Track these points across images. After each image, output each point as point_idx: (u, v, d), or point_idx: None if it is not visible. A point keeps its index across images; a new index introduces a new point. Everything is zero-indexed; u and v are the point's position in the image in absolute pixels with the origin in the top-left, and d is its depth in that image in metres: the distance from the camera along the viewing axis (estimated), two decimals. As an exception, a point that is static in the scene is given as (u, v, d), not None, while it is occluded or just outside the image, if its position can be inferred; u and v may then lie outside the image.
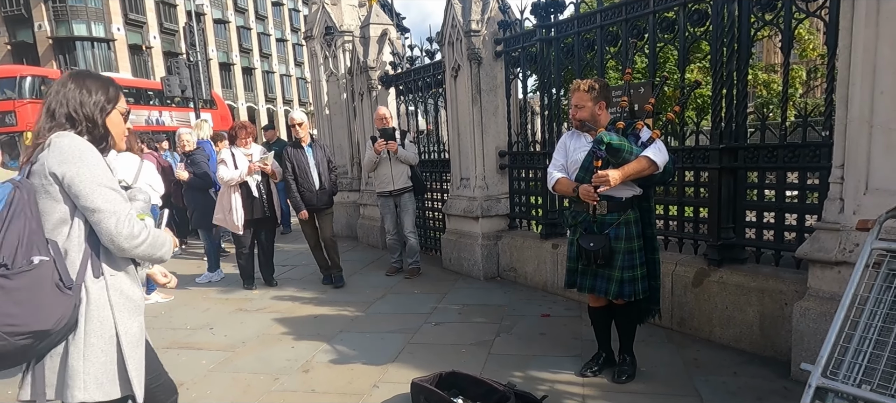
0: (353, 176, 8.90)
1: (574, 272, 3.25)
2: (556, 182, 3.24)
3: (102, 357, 1.74)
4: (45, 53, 33.68)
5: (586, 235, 3.10)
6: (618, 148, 2.88)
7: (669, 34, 4.07)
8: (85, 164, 1.69)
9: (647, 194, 3.19)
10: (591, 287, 3.19)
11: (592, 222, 3.10)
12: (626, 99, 3.36)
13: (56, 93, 1.79)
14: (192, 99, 15.66)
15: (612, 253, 3.04)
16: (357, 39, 8.01)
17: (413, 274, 6.05)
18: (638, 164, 2.93)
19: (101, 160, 1.75)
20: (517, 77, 5.64)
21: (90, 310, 1.72)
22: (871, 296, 2.21)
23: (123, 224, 1.71)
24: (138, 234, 1.74)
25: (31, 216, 1.63)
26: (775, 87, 16.29)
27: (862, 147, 2.80)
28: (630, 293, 3.09)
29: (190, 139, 6.43)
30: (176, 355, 4.10)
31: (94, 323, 1.73)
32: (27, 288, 1.58)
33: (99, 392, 1.73)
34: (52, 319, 1.62)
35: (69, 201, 1.70)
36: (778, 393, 3.06)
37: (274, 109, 51.72)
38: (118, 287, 1.79)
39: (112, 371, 1.77)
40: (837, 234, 2.94)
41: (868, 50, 2.72)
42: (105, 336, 1.75)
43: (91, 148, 1.75)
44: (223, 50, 45.99)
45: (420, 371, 3.41)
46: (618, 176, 2.89)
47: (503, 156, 5.81)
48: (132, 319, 1.82)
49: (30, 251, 1.60)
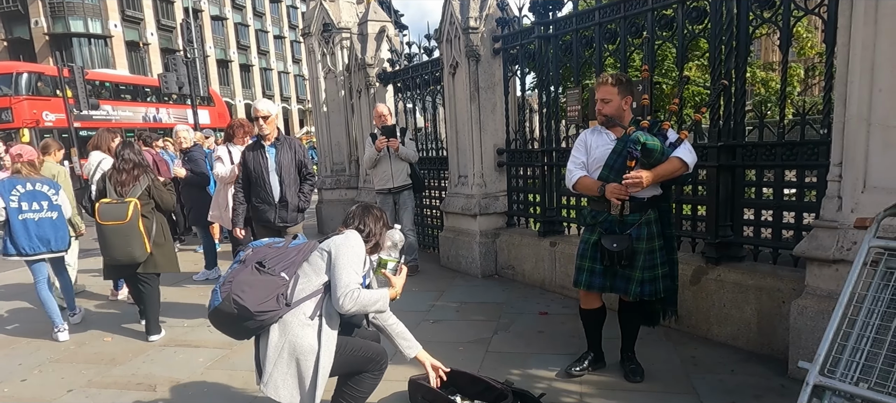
0: (351, 173, 8.88)
1: (591, 272, 3.16)
2: (578, 180, 3.15)
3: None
4: (42, 50, 33.58)
5: (608, 235, 3.03)
6: (652, 149, 2.83)
7: (668, 31, 4.06)
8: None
9: (667, 195, 3.16)
10: (610, 286, 3.13)
11: (617, 222, 3.03)
12: (647, 96, 3.23)
13: None
14: (190, 96, 15.62)
15: (634, 253, 2.99)
16: (355, 36, 7.99)
17: (411, 272, 5.98)
18: (670, 165, 2.90)
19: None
20: (515, 74, 5.63)
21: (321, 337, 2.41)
22: (868, 294, 2.21)
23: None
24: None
25: (303, 253, 2.53)
26: (773, 85, 16.30)
27: (860, 145, 2.80)
28: (650, 292, 3.05)
29: (187, 136, 6.42)
30: (173, 352, 4.09)
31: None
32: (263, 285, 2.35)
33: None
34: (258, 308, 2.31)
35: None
36: (775, 391, 3.06)
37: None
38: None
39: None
40: (835, 232, 2.94)
41: (867, 47, 2.71)
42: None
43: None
44: (220, 47, 45.89)
45: (418, 369, 3.39)
46: (650, 177, 2.85)
47: (501, 154, 5.80)
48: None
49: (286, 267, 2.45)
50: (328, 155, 9.03)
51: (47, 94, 19.77)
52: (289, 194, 4.37)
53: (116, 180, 4.21)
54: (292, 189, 4.39)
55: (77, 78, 16.44)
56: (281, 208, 4.38)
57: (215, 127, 24.61)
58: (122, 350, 4.22)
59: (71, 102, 16.94)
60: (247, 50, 49.26)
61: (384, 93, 7.68)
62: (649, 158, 2.86)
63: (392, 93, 7.68)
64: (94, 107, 17.53)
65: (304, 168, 4.48)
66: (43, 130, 19.13)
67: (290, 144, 4.45)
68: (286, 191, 4.35)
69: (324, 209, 9.17)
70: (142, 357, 4.03)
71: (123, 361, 3.98)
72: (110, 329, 4.72)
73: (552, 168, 5.21)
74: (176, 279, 6.36)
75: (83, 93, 16.47)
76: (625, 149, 2.94)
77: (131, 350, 4.18)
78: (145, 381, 3.62)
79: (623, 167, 2.95)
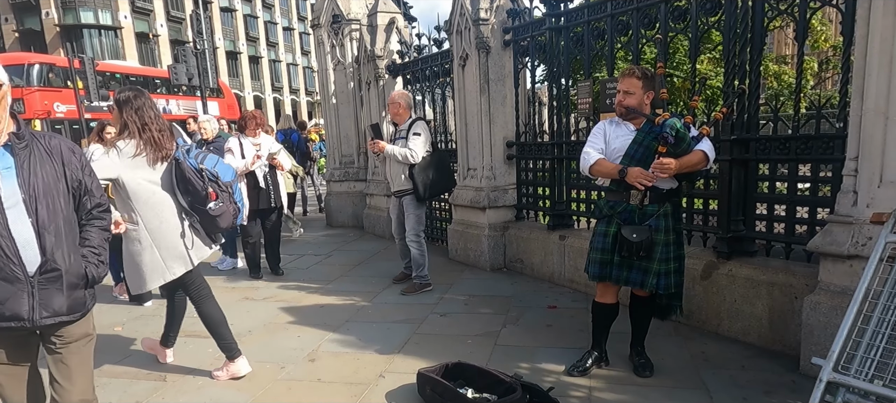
0: (360, 165, 8.89)
1: (607, 264, 3.11)
2: (596, 163, 3.08)
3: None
4: (53, 41, 33.82)
5: (627, 226, 3.00)
6: (682, 137, 2.83)
7: (681, 23, 4.01)
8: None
9: (680, 189, 3.15)
10: (626, 279, 3.09)
11: (638, 212, 3.01)
12: (666, 91, 3.19)
13: None
14: (200, 87, 15.66)
15: (653, 244, 2.97)
16: (364, 28, 7.97)
17: (417, 290, 5.11)
18: (694, 157, 2.90)
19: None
20: (526, 66, 5.59)
21: None
22: (885, 291, 2.18)
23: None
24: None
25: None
26: (786, 79, 16.12)
27: (877, 139, 2.75)
28: (666, 285, 3.03)
29: (208, 127, 6.35)
30: (182, 343, 4.11)
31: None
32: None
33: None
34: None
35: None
36: (786, 387, 3.04)
37: (280, 98, 51.73)
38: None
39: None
40: (850, 228, 2.90)
41: (885, 39, 2.66)
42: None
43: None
44: (230, 38, 46.02)
45: (426, 362, 3.41)
46: (675, 165, 2.85)
47: (511, 147, 5.77)
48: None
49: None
50: (337, 147, 9.04)
51: (58, 86, 19.91)
52: (58, 254, 2.00)
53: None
54: (63, 240, 2.03)
55: (88, 69, 16.52)
56: (43, 288, 1.98)
57: (224, 119, 24.71)
58: (132, 340, 4.24)
59: (82, 94, 17.04)
60: (256, 41, 49.35)
61: (393, 85, 7.67)
62: (678, 147, 2.86)
63: (401, 86, 7.66)
64: (105, 98, 17.60)
65: (88, 194, 2.16)
66: (54, 121, 19.28)
67: (50, 147, 2.06)
68: (49, 244, 1.97)
69: (332, 201, 9.20)
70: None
71: (134, 351, 4.01)
72: (120, 319, 4.76)
73: (562, 161, 5.18)
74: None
75: (94, 84, 16.56)
76: (647, 140, 2.94)
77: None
78: (156, 371, 3.64)
79: (644, 158, 2.94)
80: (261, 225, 5.81)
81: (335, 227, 8.99)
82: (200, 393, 3.32)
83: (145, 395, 3.32)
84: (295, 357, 3.75)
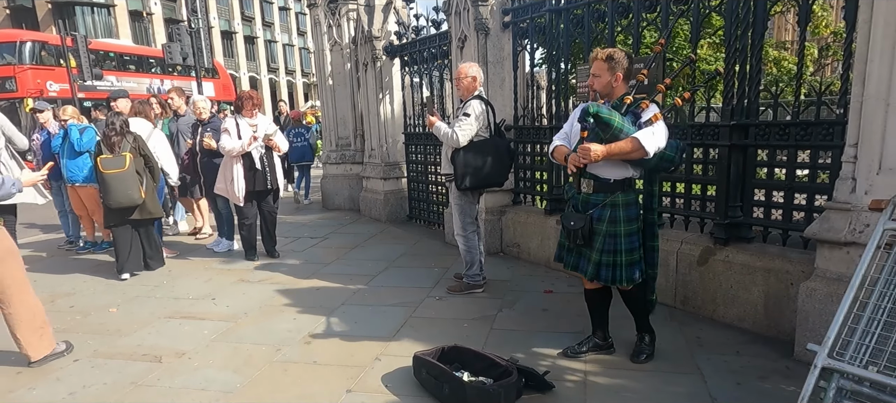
0: (357, 148, 8.84)
1: (562, 247, 3.22)
2: (555, 148, 3.18)
3: None
4: (45, 18, 33.25)
5: (570, 212, 3.08)
6: (607, 122, 2.78)
7: (683, 6, 3.96)
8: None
9: (651, 178, 3.12)
10: (574, 265, 3.15)
11: (582, 201, 3.05)
12: (646, 72, 3.14)
13: None
14: (194, 67, 15.47)
15: (592, 234, 2.98)
16: (362, 8, 7.86)
17: (456, 290, 4.63)
18: (625, 145, 2.80)
19: None
20: (525, 49, 5.53)
21: None
22: (881, 278, 2.17)
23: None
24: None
25: None
26: (785, 65, 16.04)
27: (877, 125, 2.74)
28: (606, 278, 3.02)
29: (205, 107, 6.28)
30: (178, 325, 4.11)
31: None
32: None
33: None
34: None
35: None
36: (780, 373, 3.05)
37: (276, 80, 51.28)
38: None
39: None
40: (848, 214, 2.90)
41: (889, 24, 2.63)
42: None
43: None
44: (225, 18, 45.37)
45: (422, 345, 3.42)
46: (601, 151, 2.81)
47: (509, 131, 5.73)
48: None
49: None
50: (333, 129, 8.98)
51: (51, 64, 19.65)
52: None
53: (110, 140, 5.08)
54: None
55: (80, 47, 16.28)
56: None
57: (220, 99, 24.48)
58: (127, 321, 4.24)
59: (74, 72, 16.83)
60: (251, 21, 48.70)
61: (390, 68, 7.59)
62: (606, 132, 2.81)
63: (398, 67, 7.59)
64: (98, 77, 17.38)
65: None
66: (46, 100, 19.03)
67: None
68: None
69: (328, 184, 9.16)
70: (147, 329, 4.05)
71: (129, 332, 4.01)
72: (115, 301, 4.75)
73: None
74: (184, 251, 6.39)
75: (87, 62, 16.33)
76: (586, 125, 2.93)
77: (137, 322, 4.20)
78: (151, 352, 3.64)
79: (579, 137, 2.94)
80: (257, 206, 5.77)
81: (331, 210, 8.96)
82: (195, 374, 3.32)
83: (140, 376, 3.31)
84: (290, 339, 3.75)
